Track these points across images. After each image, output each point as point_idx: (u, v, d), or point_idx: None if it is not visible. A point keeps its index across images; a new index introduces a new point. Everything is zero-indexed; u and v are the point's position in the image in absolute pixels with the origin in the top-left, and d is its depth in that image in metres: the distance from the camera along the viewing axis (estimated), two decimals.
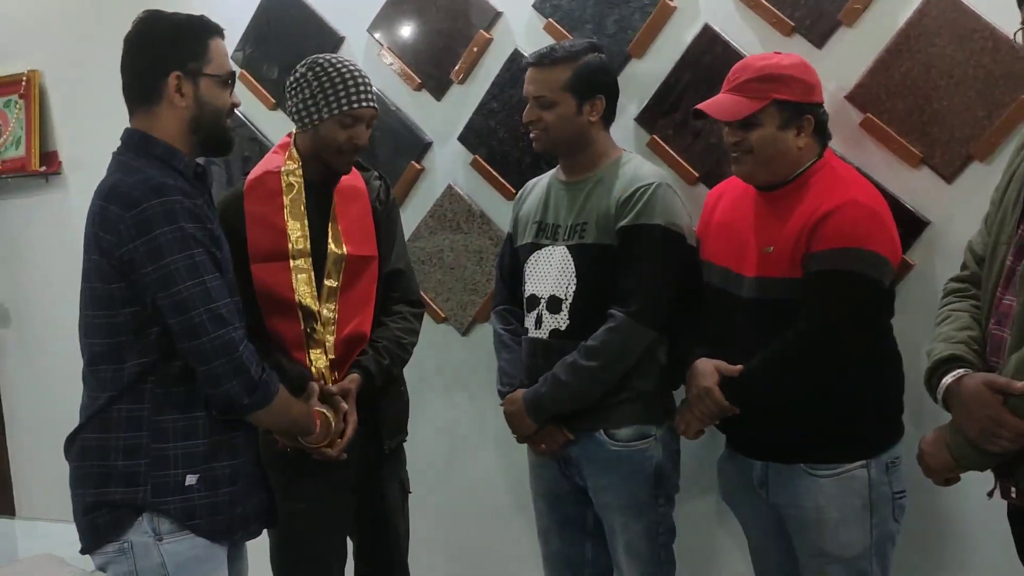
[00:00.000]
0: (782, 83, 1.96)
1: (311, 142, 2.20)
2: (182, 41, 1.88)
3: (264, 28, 2.95)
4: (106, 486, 1.83)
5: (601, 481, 2.25)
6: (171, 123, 1.88)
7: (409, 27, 2.74)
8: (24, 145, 3.37)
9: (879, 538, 2.01)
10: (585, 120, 2.22)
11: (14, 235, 3.50)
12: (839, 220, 1.91)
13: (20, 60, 3.38)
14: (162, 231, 1.75)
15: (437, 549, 2.92)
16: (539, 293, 2.28)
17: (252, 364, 1.81)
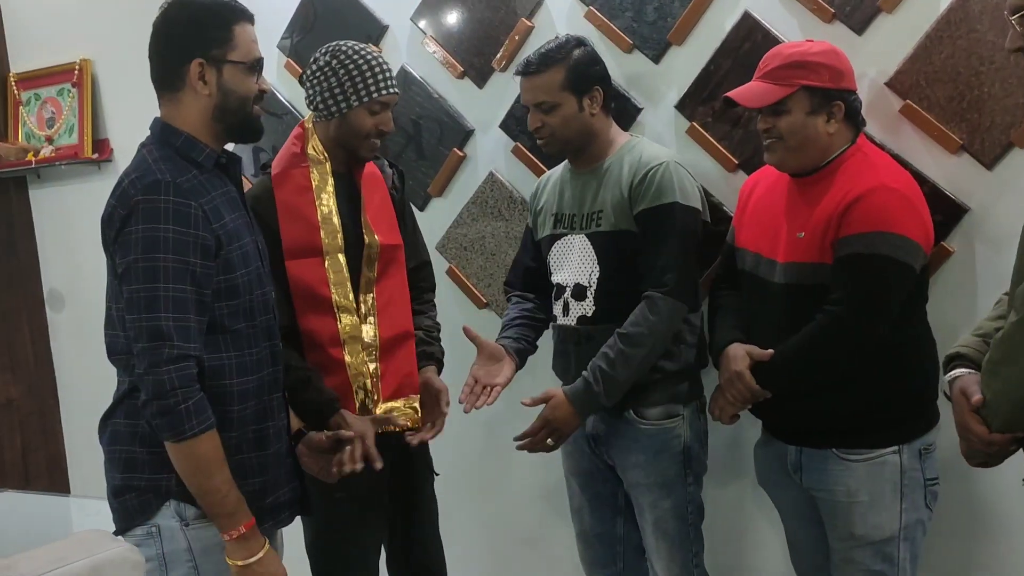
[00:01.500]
0: (811, 70, 1.98)
1: (336, 131, 2.20)
2: (205, 27, 1.83)
3: (310, 17, 3.00)
4: (133, 471, 1.84)
5: (630, 459, 2.30)
6: (194, 111, 1.85)
7: (451, 15, 2.78)
8: (77, 132, 3.45)
9: (908, 523, 2.03)
10: (587, 115, 2.26)
11: (68, 221, 3.61)
12: (868, 204, 1.93)
13: (72, 49, 3.45)
14: (136, 228, 1.73)
15: (472, 528, 3.00)
16: (563, 282, 2.34)
17: (173, 387, 1.70)
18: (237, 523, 1.79)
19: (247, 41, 1.87)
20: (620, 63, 2.56)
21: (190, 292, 1.75)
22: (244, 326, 1.87)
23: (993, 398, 1.58)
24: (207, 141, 1.88)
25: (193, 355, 1.75)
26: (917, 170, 2.21)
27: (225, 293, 1.83)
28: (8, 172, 3.60)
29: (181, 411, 1.72)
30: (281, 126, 3.10)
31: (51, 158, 3.52)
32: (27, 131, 3.61)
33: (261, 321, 1.92)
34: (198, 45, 1.83)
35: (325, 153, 2.22)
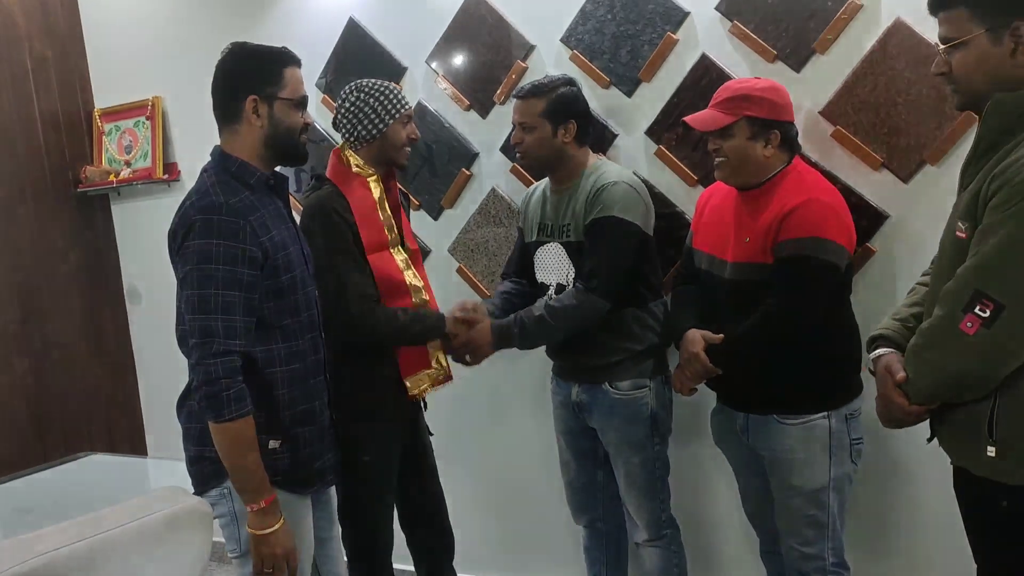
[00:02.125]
0: (753, 102, 1.99)
1: (379, 149, 2.21)
2: (260, 69, 1.86)
3: (343, 60, 3.00)
4: (205, 444, 1.83)
5: (606, 423, 2.32)
6: (248, 140, 1.86)
7: (459, 58, 2.78)
8: (150, 157, 3.45)
9: (836, 476, 2.04)
10: (560, 141, 2.26)
11: (143, 230, 3.60)
12: (801, 214, 1.93)
13: (146, 88, 3.46)
14: (193, 242, 1.74)
15: (476, 490, 3.00)
16: (547, 281, 2.37)
17: (217, 376, 1.71)
18: (259, 498, 1.79)
19: (295, 81, 1.89)
20: (599, 97, 2.56)
21: (238, 296, 1.75)
22: (290, 321, 1.87)
23: (915, 376, 1.57)
24: (258, 165, 1.88)
25: (236, 351, 1.76)
26: (845, 184, 2.21)
27: (273, 294, 1.84)
28: (95, 190, 3.59)
29: (223, 398, 1.72)
30: (318, 151, 3.09)
31: (129, 179, 3.51)
32: (109, 156, 3.60)
33: (305, 316, 1.91)
34: (253, 84, 1.84)
35: (369, 168, 2.23)
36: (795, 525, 2.08)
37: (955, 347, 1.47)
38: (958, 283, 1.47)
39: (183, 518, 1.61)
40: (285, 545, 1.82)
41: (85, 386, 3.62)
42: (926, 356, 1.54)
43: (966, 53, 1.47)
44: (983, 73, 1.47)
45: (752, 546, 2.42)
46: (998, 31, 1.43)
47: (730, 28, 2.33)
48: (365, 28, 2.94)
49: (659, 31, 2.43)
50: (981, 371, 1.46)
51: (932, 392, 1.56)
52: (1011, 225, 1.38)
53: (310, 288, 1.96)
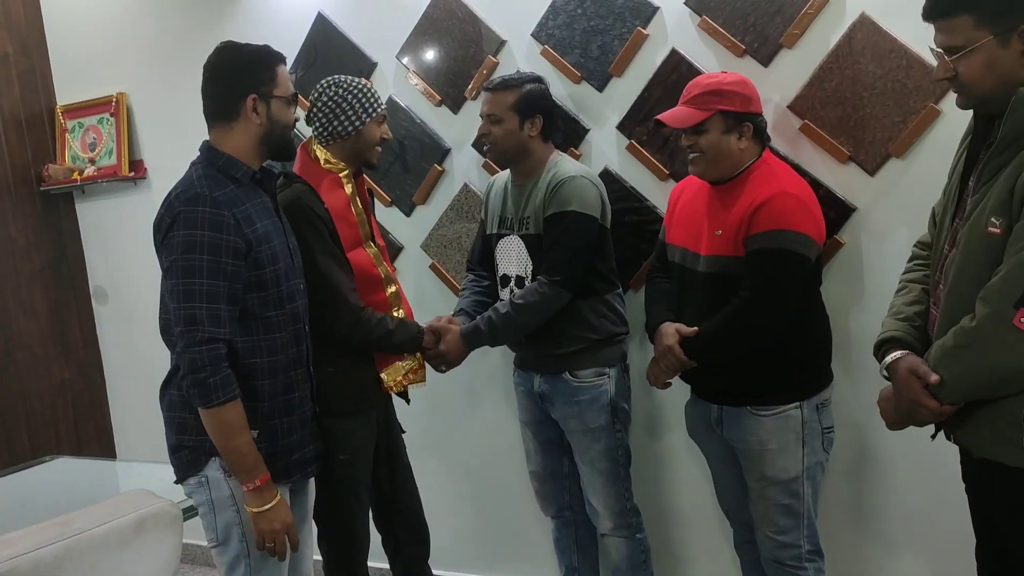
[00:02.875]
0: (725, 97, 2.00)
1: (353, 146, 2.20)
2: (257, 68, 1.89)
3: (312, 55, 2.96)
4: (184, 433, 1.88)
5: (568, 411, 2.34)
6: (244, 137, 1.89)
7: (430, 53, 2.76)
8: (115, 154, 3.39)
9: (809, 465, 2.06)
10: (526, 135, 2.30)
11: (109, 229, 3.54)
12: (771, 208, 1.94)
13: (110, 84, 3.40)
14: (178, 232, 1.77)
15: (449, 486, 3.00)
16: (508, 273, 2.39)
17: (204, 363, 1.75)
18: (254, 477, 1.83)
19: (285, 79, 1.94)
20: (571, 92, 2.56)
21: (222, 286, 1.78)
22: (274, 314, 1.90)
23: (952, 378, 1.53)
24: (248, 161, 1.91)
25: (222, 338, 1.79)
26: (814, 177, 2.23)
27: (256, 286, 1.86)
28: (58, 188, 3.52)
29: (210, 384, 1.76)
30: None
31: (94, 176, 3.45)
32: (73, 154, 3.53)
33: (288, 308, 1.94)
34: (252, 83, 1.88)
35: (340, 164, 2.22)
36: (770, 514, 2.10)
37: (1006, 344, 1.44)
38: (1007, 281, 1.43)
39: (152, 521, 1.60)
40: (284, 520, 1.86)
41: (51, 388, 3.56)
42: (968, 356, 1.50)
43: (974, 59, 1.48)
44: (995, 77, 1.47)
45: (726, 536, 2.44)
46: (1006, 35, 1.44)
47: (699, 23, 2.33)
48: (334, 23, 2.91)
49: (629, 26, 2.43)
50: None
51: (970, 392, 1.54)
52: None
53: (295, 281, 1.97)
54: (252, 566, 1.89)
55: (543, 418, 2.45)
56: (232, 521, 1.88)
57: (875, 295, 2.22)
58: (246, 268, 1.83)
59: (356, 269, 2.18)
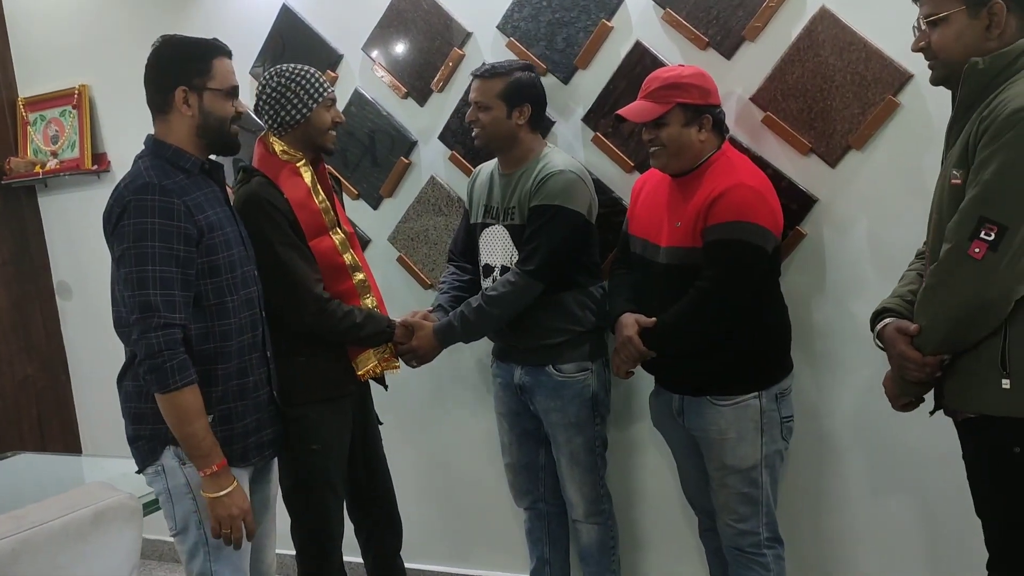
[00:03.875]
0: (684, 89, 2.01)
1: (303, 134, 2.16)
2: (188, 60, 1.89)
3: (277, 48, 2.93)
4: (140, 423, 1.89)
5: (550, 404, 2.34)
6: (181, 129, 1.90)
7: (396, 46, 2.75)
8: (78, 147, 3.34)
9: (768, 453, 2.08)
10: (514, 124, 2.28)
11: (72, 223, 3.49)
12: (728, 199, 1.95)
13: (72, 76, 3.34)
14: (128, 221, 1.77)
15: (420, 477, 2.99)
16: (492, 263, 2.37)
17: (160, 348, 1.75)
18: (211, 463, 1.83)
19: (224, 72, 1.92)
20: None
21: (175, 272, 1.79)
22: (227, 299, 1.90)
23: (929, 322, 1.59)
24: (193, 152, 1.92)
25: (178, 324, 1.79)
26: (776, 168, 2.25)
27: (209, 272, 1.86)
28: (20, 182, 3.46)
29: (166, 368, 1.76)
30: (253, 140, 3.02)
31: (56, 170, 3.39)
32: (35, 147, 3.47)
33: (243, 294, 1.94)
34: (182, 75, 1.88)
35: (297, 153, 2.18)
36: (730, 502, 2.12)
37: (965, 275, 1.50)
38: (961, 216, 1.51)
39: (111, 514, 1.57)
40: (240, 506, 1.86)
41: (14, 384, 3.50)
42: (939, 295, 1.56)
43: (946, 28, 1.56)
44: (961, 47, 1.55)
45: (690, 524, 2.46)
46: (976, 7, 1.53)
47: (663, 16, 2.34)
48: (299, 15, 2.88)
49: (594, 18, 2.43)
50: (993, 294, 1.49)
51: (948, 335, 1.57)
52: (1004, 153, 1.45)
53: (248, 268, 1.98)
54: (211, 554, 1.89)
55: (520, 410, 2.44)
56: (189, 509, 1.89)
57: (836, 285, 2.25)
58: (198, 255, 1.84)
59: (320, 257, 2.15)
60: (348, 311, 2.16)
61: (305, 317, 2.11)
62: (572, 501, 2.42)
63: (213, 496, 1.83)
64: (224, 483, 1.84)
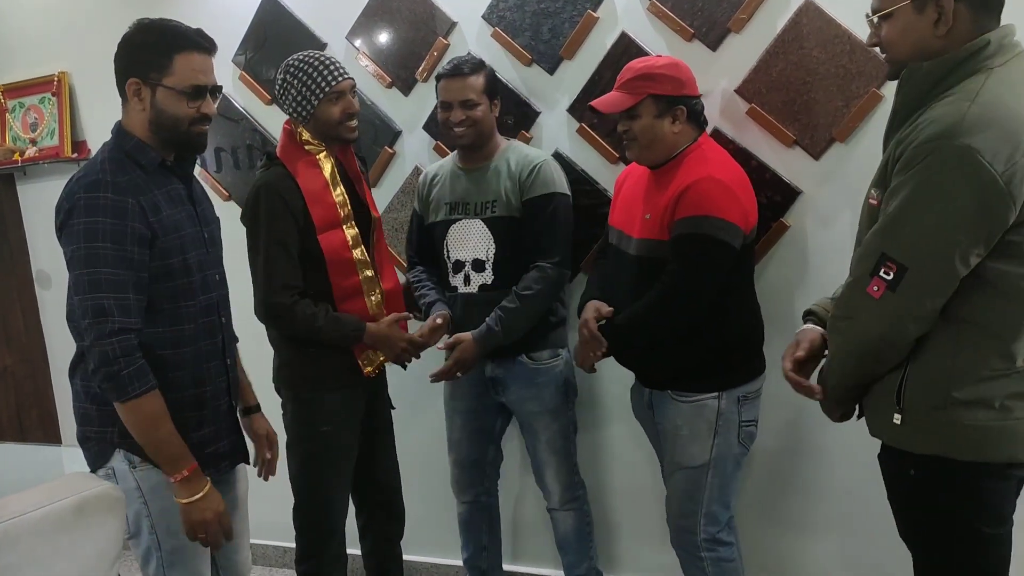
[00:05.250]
0: (656, 80, 1.98)
1: (315, 128, 2.17)
2: (148, 52, 1.75)
3: (261, 37, 2.90)
4: (88, 424, 1.82)
5: (526, 393, 2.35)
6: (137, 121, 1.78)
7: (381, 35, 2.72)
8: (58, 135, 3.29)
9: (718, 456, 2.04)
10: (493, 117, 2.32)
11: (52, 211, 3.38)
12: (694, 193, 1.91)
13: (51, 64, 3.29)
14: (78, 220, 1.67)
15: (417, 458, 2.97)
16: (463, 258, 2.36)
17: (116, 356, 1.66)
18: (181, 468, 1.76)
19: (187, 69, 1.76)
20: (521, 74, 2.54)
21: (128, 275, 1.69)
22: (181, 305, 1.80)
23: (832, 354, 1.58)
24: (154, 146, 1.80)
25: (133, 328, 1.70)
26: (760, 160, 2.25)
27: (162, 276, 1.76)
28: None
29: (124, 376, 1.68)
30: (237, 129, 3.00)
31: (35, 158, 3.33)
32: (13, 135, 3.41)
33: (200, 300, 1.84)
34: (137, 67, 1.76)
35: (320, 145, 2.18)
36: (672, 498, 2.12)
37: (863, 312, 1.46)
38: (866, 248, 1.46)
39: (92, 504, 1.55)
40: (215, 508, 1.79)
41: None
42: (841, 326, 1.53)
43: (894, 23, 1.48)
44: (909, 43, 1.47)
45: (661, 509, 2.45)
46: (923, 2, 1.44)
47: (648, 7, 2.33)
48: (282, 3, 2.85)
49: (579, 9, 2.42)
50: (889, 336, 1.44)
51: (847, 368, 1.54)
52: (911, 186, 1.37)
53: (210, 272, 1.89)
54: (163, 559, 1.82)
55: (479, 407, 2.46)
56: (140, 513, 1.81)
57: (819, 277, 2.25)
58: (153, 257, 1.74)
59: (329, 251, 2.14)
60: (310, 313, 2.12)
61: (262, 306, 2.15)
62: (549, 489, 2.44)
63: (186, 501, 1.76)
64: (196, 487, 1.77)
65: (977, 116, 1.33)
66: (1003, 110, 1.34)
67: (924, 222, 1.36)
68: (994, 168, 1.31)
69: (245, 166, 3.03)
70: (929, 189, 1.35)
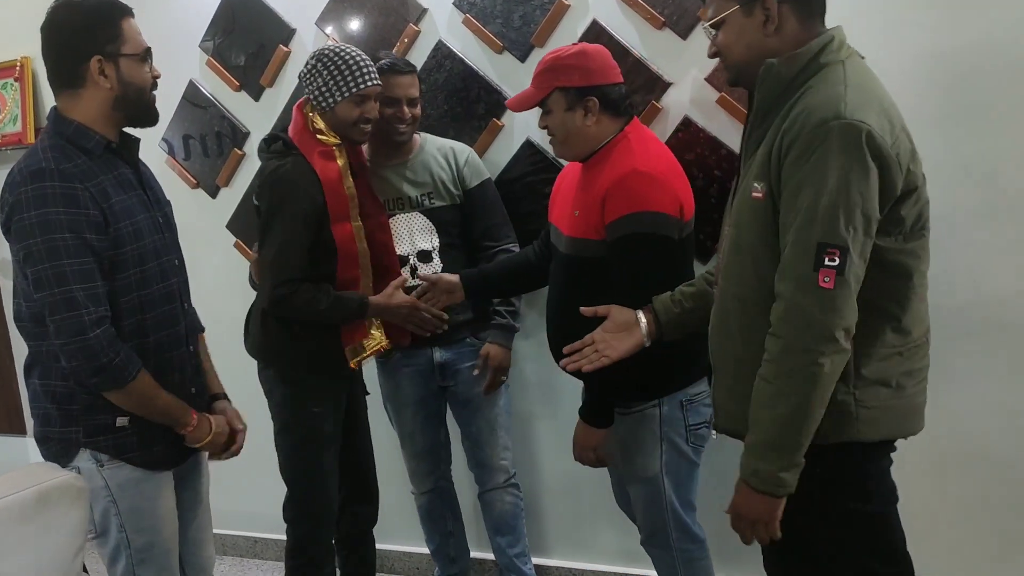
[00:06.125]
0: (561, 72, 1.89)
1: (331, 121, 2.15)
2: (96, 26, 1.68)
3: (229, 22, 2.86)
4: (48, 425, 1.77)
5: (471, 374, 2.41)
6: (93, 104, 1.70)
7: (351, 21, 2.69)
8: (20, 122, 3.22)
9: (668, 461, 1.98)
10: None
11: None
12: (619, 190, 1.83)
13: (13, 48, 3.21)
14: (28, 214, 1.59)
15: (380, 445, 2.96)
16: (404, 252, 2.37)
17: (102, 348, 1.62)
18: (188, 422, 1.81)
19: (134, 34, 1.73)
20: (493, 62, 2.53)
21: (93, 263, 1.64)
22: (136, 295, 1.74)
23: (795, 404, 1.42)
24: (102, 129, 1.73)
25: (107, 315, 1.66)
26: (731, 149, 2.26)
27: (115, 266, 1.69)
28: None
29: (116, 365, 1.65)
30: (206, 116, 2.96)
31: None
32: None
33: (158, 288, 1.79)
34: (92, 44, 1.68)
35: (334, 138, 2.17)
36: (639, 509, 2.09)
37: (819, 312, 1.37)
38: (796, 249, 1.39)
39: (56, 494, 1.53)
40: (221, 429, 1.90)
41: None
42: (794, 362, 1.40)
43: (727, 29, 1.51)
44: (743, 47, 1.50)
45: (585, 489, 2.55)
46: (749, 5, 1.47)
47: None
48: None
49: None
50: (848, 319, 1.38)
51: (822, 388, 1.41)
52: (818, 172, 1.36)
53: (167, 258, 1.83)
54: (133, 557, 1.79)
55: (430, 392, 2.48)
56: (108, 511, 1.77)
57: None
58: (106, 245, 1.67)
59: (340, 242, 2.16)
60: (312, 297, 2.13)
61: (267, 290, 2.15)
62: (491, 467, 2.48)
63: (202, 443, 1.85)
64: (204, 430, 1.85)
65: (855, 96, 1.38)
66: (870, 92, 1.42)
67: (850, 200, 1.35)
68: (886, 141, 1.36)
69: (214, 153, 2.99)
70: (841, 169, 1.35)
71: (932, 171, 1.54)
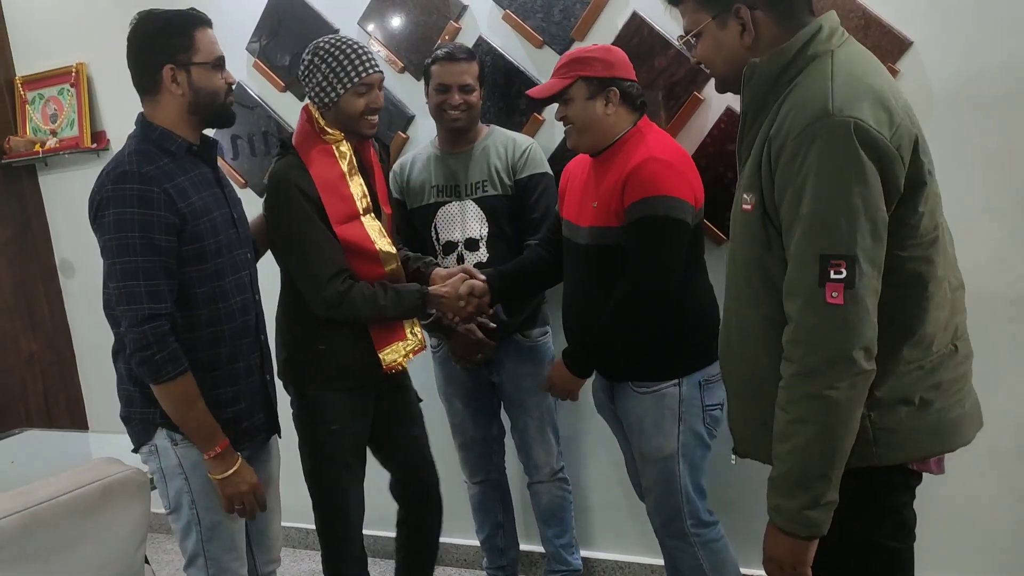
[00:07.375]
0: (586, 64, 1.97)
1: (336, 116, 2.05)
2: (170, 36, 1.80)
3: (275, 23, 2.90)
4: (131, 405, 1.87)
5: (522, 370, 2.41)
6: (171, 109, 1.82)
7: (392, 19, 2.71)
8: (77, 126, 3.31)
9: (685, 442, 2.01)
10: (481, 103, 2.36)
11: (74, 202, 3.42)
12: (639, 175, 1.89)
13: (69, 55, 3.30)
14: (108, 211, 1.73)
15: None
16: (454, 239, 2.37)
17: (149, 341, 1.72)
18: (214, 444, 1.81)
19: (208, 43, 1.84)
20: (533, 57, 2.52)
21: (158, 262, 1.74)
22: (214, 286, 1.85)
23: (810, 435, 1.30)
24: (183, 132, 1.85)
25: (164, 313, 1.75)
26: None
27: (195, 259, 1.81)
28: (20, 161, 3.42)
29: (157, 360, 1.73)
30: (252, 116, 3.01)
31: (56, 148, 3.36)
32: (34, 126, 3.44)
33: (232, 280, 1.89)
34: (166, 53, 1.80)
35: (338, 134, 2.08)
36: (651, 491, 2.09)
37: (831, 328, 1.25)
38: (797, 264, 1.28)
39: (118, 488, 1.58)
40: (249, 481, 1.87)
41: (19, 362, 3.50)
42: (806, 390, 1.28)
43: (704, 41, 1.45)
44: (722, 57, 1.44)
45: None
46: (723, 16, 1.41)
47: None
48: None
49: None
50: (868, 337, 1.26)
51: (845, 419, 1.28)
52: (814, 176, 1.25)
53: (241, 251, 1.94)
54: (203, 533, 1.88)
55: (476, 387, 2.49)
56: (182, 489, 1.86)
57: None
58: (184, 242, 1.78)
59: (347, 244, 2.05)
60: (371, 293, 2.04)
61: (320, 299, 2.04)
62: (538, 464, 2.49)
63: (220, 477, 1.83)
64: (230, 463, 1.84)
65: (844, 89, 1.27)
66: (861, 81, 1.29)
67: (851, 204, 1.23)
68: (882, 134, 1.24)
69: (261, 153, 3.04)
70: (835, 171, 1.23)
71: None
